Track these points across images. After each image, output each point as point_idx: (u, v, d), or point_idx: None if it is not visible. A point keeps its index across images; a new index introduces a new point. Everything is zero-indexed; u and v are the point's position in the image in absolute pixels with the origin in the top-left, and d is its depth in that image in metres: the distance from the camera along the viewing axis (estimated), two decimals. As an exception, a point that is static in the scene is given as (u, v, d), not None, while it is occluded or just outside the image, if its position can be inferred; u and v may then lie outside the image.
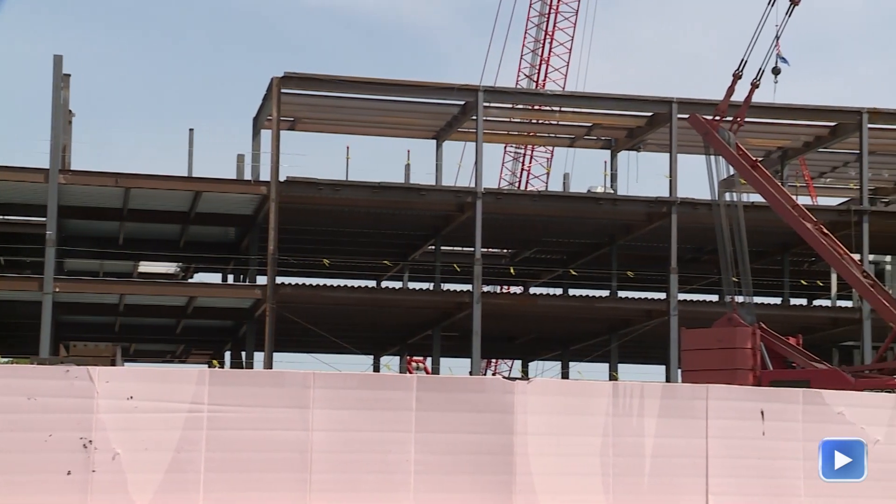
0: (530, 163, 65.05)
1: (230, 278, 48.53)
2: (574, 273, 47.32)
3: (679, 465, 18.16)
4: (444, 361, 47.64)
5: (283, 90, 40.46)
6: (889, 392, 26.11)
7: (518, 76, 64.68)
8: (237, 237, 46.23)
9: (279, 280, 41.15)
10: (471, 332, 40.68)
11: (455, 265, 45.28)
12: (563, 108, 45.19)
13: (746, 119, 36.30)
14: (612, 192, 46.11)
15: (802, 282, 47.59)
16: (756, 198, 37.22)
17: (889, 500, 18.30)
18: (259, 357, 41.21)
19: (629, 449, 18.13)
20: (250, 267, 42.56)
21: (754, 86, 34.88)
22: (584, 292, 47.99)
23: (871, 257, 44.39)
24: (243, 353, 43.87)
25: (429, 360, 52.16)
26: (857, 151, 44.28)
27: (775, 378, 31.03)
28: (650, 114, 44.48)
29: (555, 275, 50.63)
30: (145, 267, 50.11)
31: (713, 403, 18.41)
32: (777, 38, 33.86)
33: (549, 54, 64.10)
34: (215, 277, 50.35)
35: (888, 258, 49.32)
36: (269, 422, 17.17)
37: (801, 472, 18.16)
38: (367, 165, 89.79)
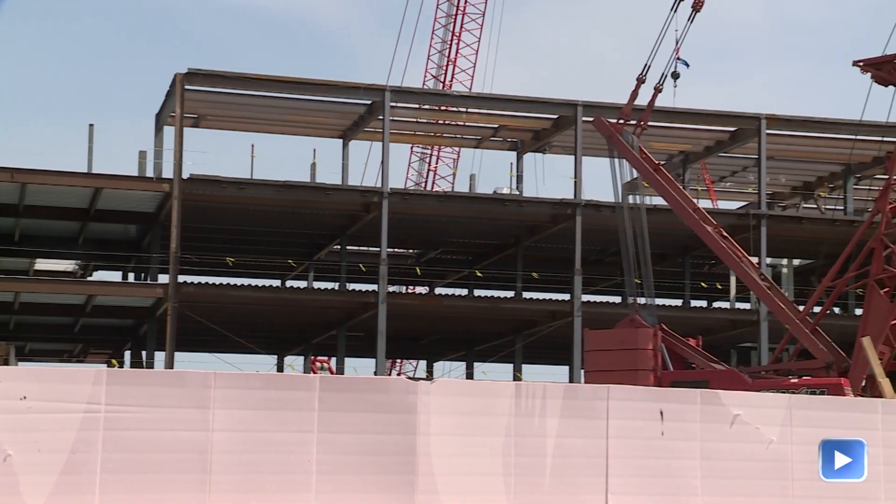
0: (437, 163, 65.20)
1: (131, 277, 47.73)
2: (479, 274, 47.53)
3: (580, 465, 18.28)
4: (349, 361, 47.50)
5: (186, 86, 39.92)
6: (784, 392, 26.67)
7: (425, 77, 64.80)
8: (138, 235, 45.48)
9: (181, 279, 40.59)
10: (376, 332, 40.60)
11: (361, 265, 45.15)
12: (469, 110, 45.36)
13: (650, 123, 36.80)
14: (517, 193, 46.41)
15: (703, 284, 48.42)
16: (658, 200, 37.76)
17: (782, 497, 18.66)
18: (160, 357, 40.59)
19: (531, 449, 18.21)
20: (152, 265, 41.91)
21: (657, 90, 35.39)
22: (489, 293, 48.22)
23: (768, 260, 45.37)
24: (144, 353, 43.15)
25: (333, 360, 51.85)
26: (756, 156, 45.20)
27: (675, 379, 31.50)
28: (555, 116, 44.86)
29: (460, 275, 50.79)
30: (42, 264, 49.01)
31: (614, 404, 18.56)
32: (678, 43, 34.40)
33: (456, 55, 64.33)
34: (115, 276, 49.50)
35: (785, 262, 50.46)
36: (169, 422, 16.87)
37: (697, 472, 18.42)
38: (272, 164, 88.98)
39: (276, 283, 51.22)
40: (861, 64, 30.65)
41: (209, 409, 17.01)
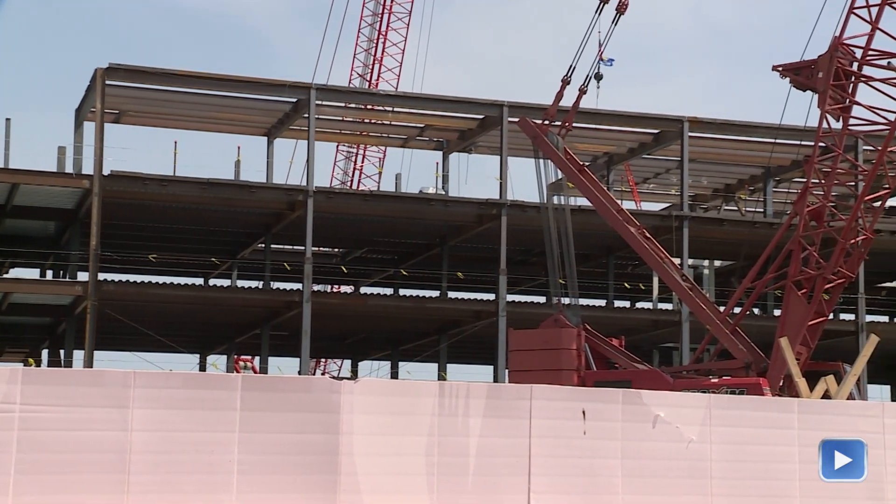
0: (363, 162, 65.04)
1: (49, 274, 46.88)
2: (405, 273, 47.48)
3: (503, 465, 18.34)
4: (273, 361, 47.12)
5: (107, 82, 39.31)
6: (705, 392, 27.00)
7: (351, 75, 64.60)
8: (57, 232, 44.69)
9: (102, 277, 39.98)
10: (300, 331, 40.35)
11: (285, 264, 44.84)
12: (395, 109, 45.28)
13: (574, 124, 37.03)
14: (443, 193, 46.43)
15: (626, 284, 48.89)
16: (583, 201, 38.01)
17: (704, 496, 18.88)
18: (79, 356, 39.93)
19: (454, 448, 18.23)
20: (71, 263, 41.20)
21: (582, 92, 35.61)
22: (414, 292, 48.18)
23: (690, 262, 45.93)
24: (62, 352, 42.41)
25: (257, 359, 51.46)
26: (679, 158, 45.74)
27: (598, 378, 31.73)
28: (481, 116, 44.98)
29: (385, 275, 50.69)
30: (-44, 261, 47.91)
31: (537, 403, 18.66)
32: (602, 45, 34.66)
33: (383, 54, 64.22)
34: (33, 273, 48.53)
35: (706, 263, 51.13)
36: (87, 422, 16.62)
37: (619, 471, 18.58)
38: (196, 161, 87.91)
39: (199, 281, 50.67)
40: (780, 68, 31.10)
41: (128, 408, 16.79)
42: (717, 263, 51.74)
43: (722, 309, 33.92)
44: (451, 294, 46.96)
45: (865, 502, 19.58)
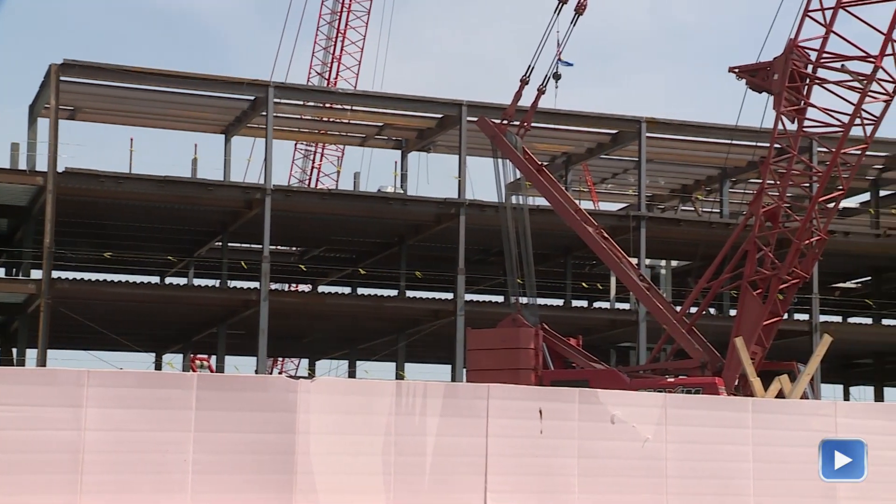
0: (321, 161, 64.85)
1: (1, 272, 46.33)
2: (363, 272, 47.38)
3: (460, 464, 18.36)
4: (229, 360, 46.85)
5: (62, 78, 38.88)
6: (661, 391, 27.16)
7: (309, 73, 64.41)
8: (10, 229, 44.18)
9: (56, 274, 39.54)
10: (258, 330, 40.15)
11: (242, 262, 44.60)
12: (354, 107, 45.16)
13: (533, 124, 37.10)
14: (402, 192, 46.37)
15: (583, 284, 49.04)
16: (541, 201, 38.09)
17: (659, 495, 18.98)
18: (32, 354, 39.48)
19: (411, 448, 18.22)
20: (24, 260, 40.73)
21: (540, 92, 35.67)
22: (372, 292, 48.09)
23: (647, 262, 46.16)
24: (14, 351, 41.92)
25: (214, 358, 51.13)
26: (636, 159, 45.97)
27: (556, 378, 31.80)
28: (440, 115, 44.95)
29: (344, 274, 50.55)
30: None
31: (494, 402, 18.68)
32: (560, 45, 34.74)
33: (342, 53, 64.07)
34: (-14, 270, 47.96)
35: (663, 263, 51.42)
36: (39, 421, 16.45)
37: (575, 470, 18.65)
38: (152, 159, 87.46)
39: (156, 279, 50.30)
40: (737, 70, 31.32)
41: (82, 407, 16.63)
42: (674, 263, 52.05)
43: (678, 309, 34.11)
44: (410, 293, 46.92)
45: (819, 500, 19.76)
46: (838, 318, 56.73)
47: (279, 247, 49.83)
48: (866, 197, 53.75)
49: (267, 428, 17.59)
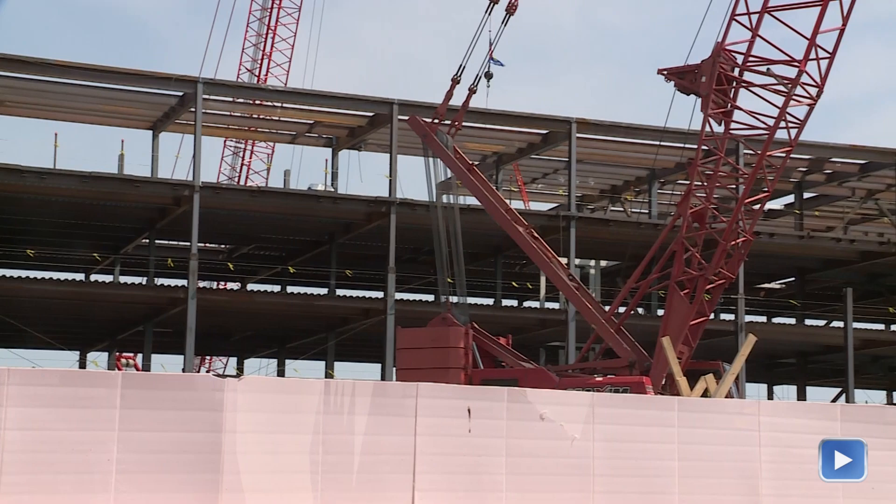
0: (251, 158, 64.39)
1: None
2: (292, 270, 47.11)
3: (388, 463, 18.32)
4: (156, 358, 46.35)
5: (-15, 70, 38.16)
6: (590, 391, 27.32)
7: (239, 70, 63.91)
8: (-70, 225, 43.24)
9: (-23, 271, 38.78)
10: (185, 328, 39.72)
11: (169, 260, 44.09)
12: (284, 105, 44.87)
13: (464, 123, 37.12)
14: (332, 190, 46.17)
15: (514, 284, 49.22)
16: (472, 200, 38.14)
17: (585, 493, 19.08)
18: (-49, 353, 38.70)
19: (339, 447, 18.14)
20: (-56, 257, 39.90)
21: (471, 91, 35.68)
22: (302, 290, 47.82)
23: (577, 261, 46.45)
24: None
25: (140, 356, 50.46)
26: (567, 159, 46.23)
27: (485, 377, 31.84)
28: (371, 114, 44.83)
29: (273, 272, 50.21)
30: None
31: (423, 401, 18.67)
32: (492, 45, 34.79)
33: (272, 49, 63.63)
34: None
35: (592, 262, 51.80)
36: (-44, 422, 16.06)
37: (503, 469, 18.69)
38: (78, 154, 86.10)
39: (80, 277, 49.53)
40: (665, 72, 31.59)
41: (1, 406, 16.29)
42: (603, 263, 52.47)
43: (607, 308, 34.35)
44: (340, 292, 46.75)
45: (743, 497, 20.00)
46: (763, 319, 57.62)
47: (207, 244, 49.35)
48: (791, 199, 54.65)
49: (193, 427, 17.39)
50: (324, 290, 46.32)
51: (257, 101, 46.08)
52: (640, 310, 43.58)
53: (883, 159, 49.19)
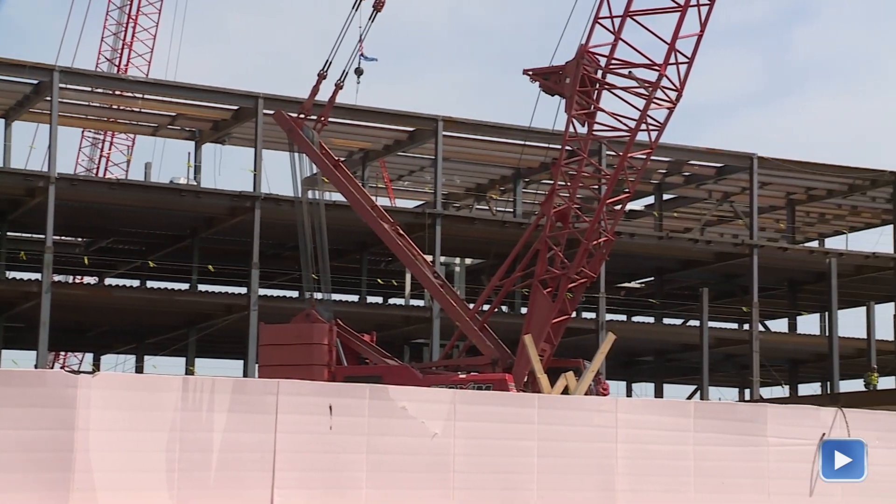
0: (110, 149, 62.84)
1: None
2: (153, 265, 46.16)
3: (247, 460, 18.05)
4: (7, 353, 45.03)
5: None
6: (454, 388, 27.43)
7: (99, 59, 62.26)
8: None
9: None
10: (38, 322, 38.55)
11: (22, 252, 42.74)
12: (145, 96, 43.92)
13: (331, 119, 36.88)
14: (195, 184, 45.40)
15: (379, 281, 49.18)
16: (338, 197, 37.96)
17: (445, 489, 19.12)
18: None
19: (197, 444, 17.79)
20: None
21: (338, 87, 35.47)
22: (163, 285, 46.92)
23: (442, 259, 46.66)
24: None
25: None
26: (433, 157, 46.39)
27: (349, 374, 31.70)
28: (236, 107, 44.24)
29: (132, 266, 49.14)
30: None
31: (284, 398, 18.44)
32: (360, 40, 34.62)
33: (133, 39, 62.17)
34: None
35: (458, 260, 52.10)
36: None
37: (363, 466, 18.60)
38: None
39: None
40: (530, 73, 31.91)
41: None
42: (468, 261, 52.82)
43: (471, 306, 34.56)
44: (202, 287, 46.01)
45: (600, 493, 20.32)
46: (623, 317, 58.80)
47: (63, 237, 48.01)
48: (651, 200, 55.89)
49: (44, 424, 16.84)
50: (185, 286, 45.53)
51: (117, 92, 45.00)
52: (503, 308, 44.02)
53: (738, 163, 50.69)
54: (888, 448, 21.98)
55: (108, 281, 50.59)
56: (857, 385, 54.25)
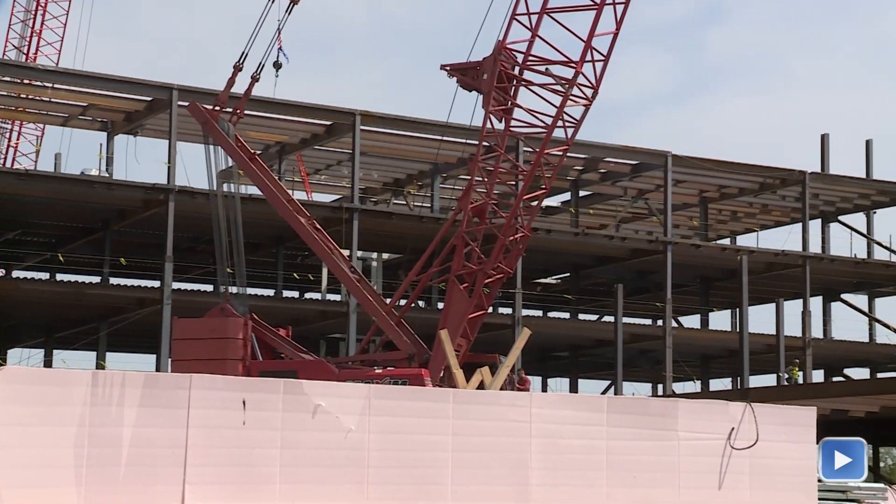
0: (18, 139, 61.52)
1: None
2: (62, 258, 45.33)
3: (158, 456, 17.77)
4: None
5: None
6: (369, 382, 27.34)
7: (6, 47, 60.88)
8: None
9: None
10: (-59, 317, 37.64)
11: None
12: (55, 85, 43.07)
13: (247, 112, 36.50)
14: (107, 175, 44.69)
15: (295, 275, 48.89)
16: (253, 190, 37.61)
17: (359, 484, 19.02)
18: None
19: (107, 440, 17.47)
20: None
21: (254, 79, 35.09)
22: (73, 278, 46.09)
23: (359, 254, 46.53)
24: None
25: None
26: (350, 151, 46.22)
27: (264, 368, 31.42)
28: (150, 98, 43.61)
29: (42, 259, 48.20)
30: None
31: (196, 393, 18.19)
32: (278, 32, 34.31)
33: (42, 27, 60.92)
34: None
35: (374, 255, 52.02)
36: None
37: (277, 461, 18.45)
38: None
39: None
40: (448, 68, 31.88)
41: None
42: (385, 256, 52.76)
43: (388, 301, 34.49)
44: (114, 280, 45.28)
45: (514, 487, 20.38)
46: (539, 313, 59.23)
47: (-31, 229, 46.92)
48: (567, 196, 56.36)
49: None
50: (97, 279, 44.80)
51: (25, 81, 44.08)
52: (420, 303, 44.05)
53: (653, 160, 51.34)
54: (794, 442, 22.36)
55: (15, 273, 49.57)
56: (767, 380, 55.35)
